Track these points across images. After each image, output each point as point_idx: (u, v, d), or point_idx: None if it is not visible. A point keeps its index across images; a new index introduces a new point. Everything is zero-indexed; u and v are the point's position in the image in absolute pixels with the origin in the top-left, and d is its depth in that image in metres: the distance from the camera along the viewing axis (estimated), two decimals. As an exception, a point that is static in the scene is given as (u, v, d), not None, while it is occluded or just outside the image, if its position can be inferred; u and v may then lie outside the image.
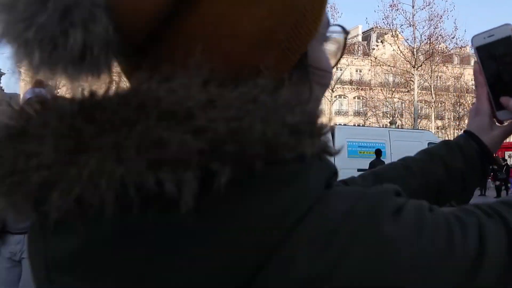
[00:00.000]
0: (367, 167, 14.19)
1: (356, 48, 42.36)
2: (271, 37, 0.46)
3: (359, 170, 13.97)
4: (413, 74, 24.95)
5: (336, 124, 15.26)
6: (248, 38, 0.45)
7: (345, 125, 21.09)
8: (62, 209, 0.39)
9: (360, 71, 45.33)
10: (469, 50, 43.89)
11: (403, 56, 25.14)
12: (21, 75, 0.52)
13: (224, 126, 0.38)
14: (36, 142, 0.41)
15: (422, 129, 24.76)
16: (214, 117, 0.39)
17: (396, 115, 35.08)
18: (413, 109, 35.91)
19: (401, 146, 14.14)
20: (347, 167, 13.71)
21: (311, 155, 0.41)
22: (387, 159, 14.16)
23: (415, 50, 24.12)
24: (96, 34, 0.41)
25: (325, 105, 40.87)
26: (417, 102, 26.26)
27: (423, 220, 0.42)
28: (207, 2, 0.44)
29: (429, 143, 14.67)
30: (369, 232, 0.40)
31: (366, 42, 44.09)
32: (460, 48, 29.99)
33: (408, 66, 25.85)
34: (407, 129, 23.15)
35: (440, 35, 25.08)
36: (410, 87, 33.08)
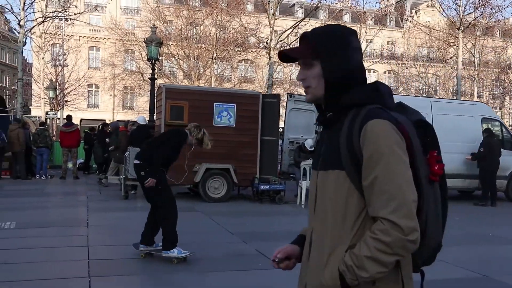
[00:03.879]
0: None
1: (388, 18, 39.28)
2: None
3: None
4: (457, 38, 22.02)
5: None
6: None
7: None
8: None
9: (392, 44, 42.22)
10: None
11: (446, 16, 22.36)
12: None
13: None
14: None
15: (474, 101, 21.68)
16: None
17: (430, 91, 32.31)
18: (451, 84, 32.73)
19: (448, 121, 11.38)
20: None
21: None
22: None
23: (461, 10, 21.20)
24: None
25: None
26: (461, 70, 23.21)
27: None
28: None
29: (483, 118, 12.15)
30: None
31: (399, 12, 40.98)
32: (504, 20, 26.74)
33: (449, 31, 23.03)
34: (455, 100, 18.98)
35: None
36: (445, 61, 30.04)
